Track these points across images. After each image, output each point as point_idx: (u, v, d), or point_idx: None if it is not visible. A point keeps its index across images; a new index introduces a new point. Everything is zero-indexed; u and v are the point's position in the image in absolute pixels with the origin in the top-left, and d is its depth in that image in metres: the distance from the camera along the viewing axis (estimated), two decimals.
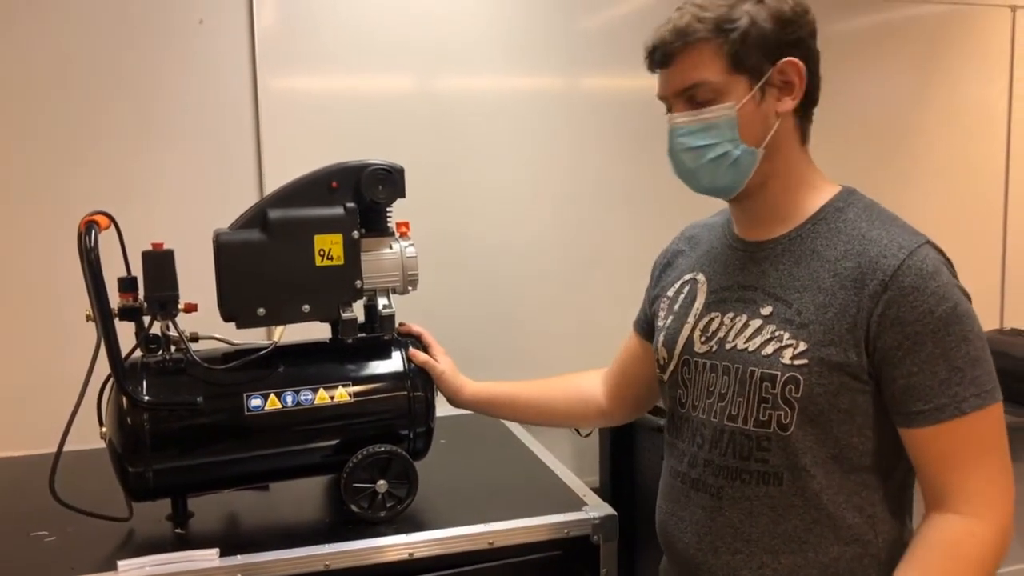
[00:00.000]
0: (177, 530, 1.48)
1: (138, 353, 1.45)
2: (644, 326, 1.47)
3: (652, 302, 1.43)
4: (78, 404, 1.35)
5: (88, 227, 1.32)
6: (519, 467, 1.85)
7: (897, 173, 2.91)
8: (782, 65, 1.14)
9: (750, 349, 1.17)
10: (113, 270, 1.39)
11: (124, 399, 1.38)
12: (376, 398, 1.52)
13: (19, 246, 2.13)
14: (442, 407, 1.59)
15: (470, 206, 2.47)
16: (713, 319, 1.24)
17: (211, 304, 1.46)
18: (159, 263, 1.42)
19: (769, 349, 1.15)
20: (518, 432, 2.07)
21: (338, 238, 1.49)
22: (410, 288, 1.59)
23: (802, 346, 1.12)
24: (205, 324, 1.49)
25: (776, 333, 1.15)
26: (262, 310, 1.46)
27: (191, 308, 1.45)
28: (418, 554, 1.42)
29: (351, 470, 1.47)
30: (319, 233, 1.48)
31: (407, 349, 1.57)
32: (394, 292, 1.59)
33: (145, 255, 1.42)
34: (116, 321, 1.36)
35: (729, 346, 1.20)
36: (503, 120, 2.48)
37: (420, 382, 1.55)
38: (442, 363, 1.58)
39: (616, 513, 1.53)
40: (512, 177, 2.50)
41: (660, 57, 1.17)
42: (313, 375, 1.49)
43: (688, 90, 1.16)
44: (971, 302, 1.11)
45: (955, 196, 2.99)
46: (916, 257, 1.08)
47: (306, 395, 1.47)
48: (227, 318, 1.47)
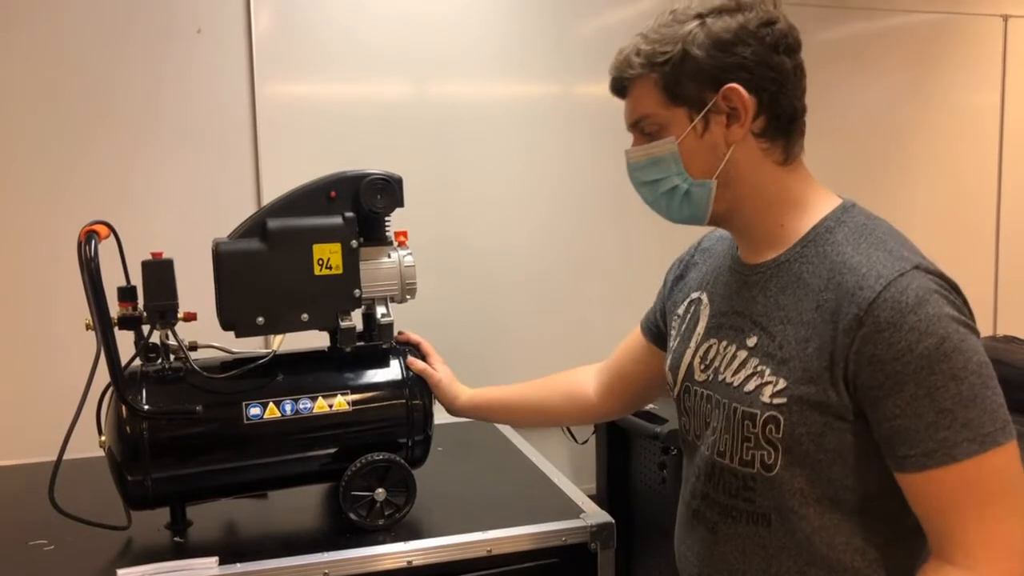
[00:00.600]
0: (176, 538, 1.49)
1: (137, 362, 1.45)
2: (651, 328, 1.43)
3: (663, 309, 1.39)
4: (78, 413, 1.35)
5: (88, 237, 1.32)
6: (517, 475, 1.85)
7: (890, 180, 2.92)
8: (725, 92, 1.06)
9: (735, 384, 1.11)
10: (113, 279, 1.40)
11: (123, 408, 1.38)
12: (374, 406, 1.53)
13: (19, 255, 2.13)
14: (440, 415, 1.60)
15: (465, 212, 2.48)
16: (711, 346, 1.18)
17: (210, 313, 1.47)
18: (158, 272, 1.42)
19: (751, 385, 1.08)
20: (515, 440, 2.07)
21: (337, 247, 1.50)
22: (408, 297, 1.60)
23: (781, 383, 1.04)
24: (204, 333, 1.50)
25: (758, 368, 1.08)
26: (261, 319, 1.47)
27: (190, 317, 1.46)
28: (416, 562, 1.43)
29: (349, 478, 1.47)
30: (318, 242, 1.49)
31: (405, 357, 1.58)
32: (392, 301, 1.59)
33: (145, 264, 1.42)
34: (116, 330, 1.37)
35: (720, 378, 1.14)
36: (498, 127, 2.49)
37: (418, 390, 1.55)
38: (440, 371, 1.59)
39: (613, 520, 1.54)
40: (507, 184, 2.51)
41: (614, 89, 1.16)
42: (312, 384, 1.50)
43: (638, 123, 1.14)
44: (977, 334, 0.99)
45: (948, 203, 3.01)
46: (895, 288, 0.97)
47: (305, 404, 1.48)
48: (226, 327, 1.47)
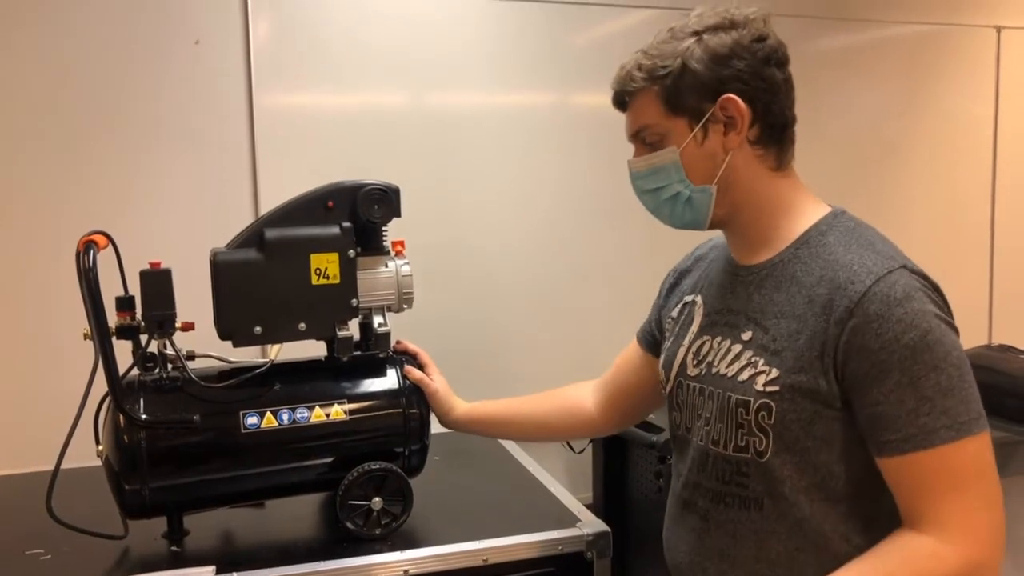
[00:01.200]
0: (173, 548, 1.49)
1: (135, 371, 1.46)
2: (647, 337, 1.47)
3: (659, 318, 1.44)
4: (75, 422, 1.35)
5: (87, 247, 1.33)
6: (513, 484, 1.86)
7: (884, 190, 2.94)
8: (722, 102, 1.14)
9: (729, 375, 1.18)
10: (111, 289, 1.40)
11: (121, 417, 1.39)
12: (371, 416, 1.53)
13: (18, 264, 2.13)
14: (437, 425, 1.60)
15: (464, 221, 2.48)
16: (705, 343, 1.25)
17: (208, 322, 1.47)
18: (157, 282, 1.43)
19: (745, 375, 1.15)
20: (512, 449, 2.08)
21: (334, 257, 1.50)
22: (405, 306, 1.61)
23: (774, 373, 1.11)
24: (202, 342, 1.50)
25: (752, 359, 1.15)
26: (258, 328, 1.47)
27: (188, 327, 1.46)
28: (413, 571, 1.43)
29: (346, 487, 1.48)
30: (315, 252, 1.49)
31: (402, 367, 1.58)
32: (389, 310, 1.60)
33: (143, 274, 1.43)
34: (114, 340, 1.38)
35: (714, 371, 1.21)
36: (496, 136, 2.50)
37: (415, 400, 1.56)
38: (436, 382, 1.59)
39: (609, 529, 1.55)
40: (505, 192, 2.52)
41: (617, 102, 1.24)
42: (309, 393, 1.51)
43: (639, 133, 1.21)
44: (955, 331, 1.07)
45: (943, 212, 3.02)
46: (884, 283, 1.05)
47: (302, 413, 1.48)
48: (224, 336, 1.48)
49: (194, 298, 1.49)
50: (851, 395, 1.07)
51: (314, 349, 1.59)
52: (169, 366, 1.47)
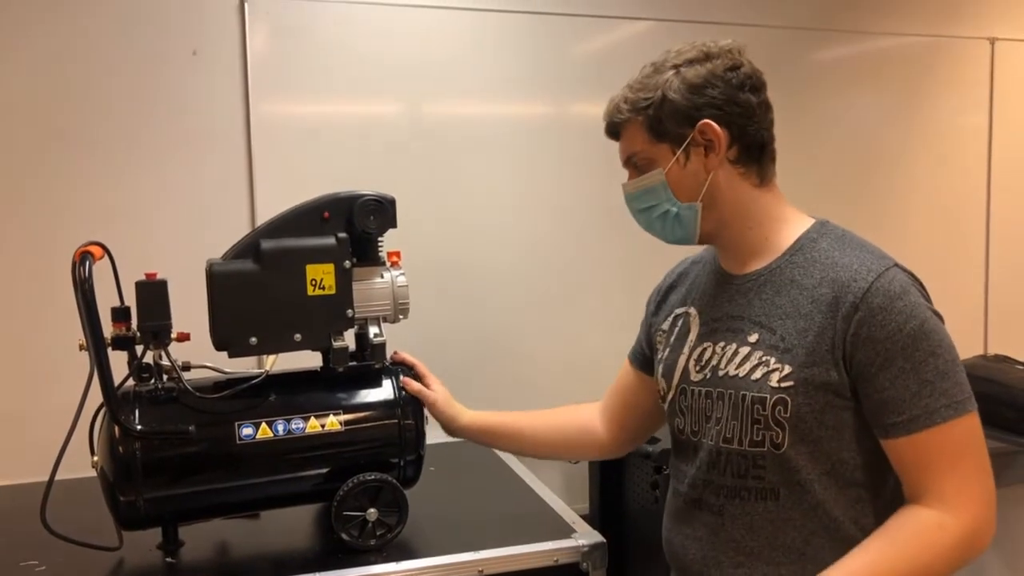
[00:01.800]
0: (168, 559, 1.48)
1: (131, 382, 1.46)
2: (639, 357, 1.51)
3: (648, 335, 1.47)
4: (70, 433, 1.35)
5: (82, 258, 1.33)
6: (509, 495, 1.86)
7: (880, 201, 2.94)
8: (700, 127, 1.23)
9: (740, 375, 1.24)
10: (107, 300, 1.40)
11: (116, 428, 1.39)
12: (367, 426, 1.53)
13: (13, 274, 2.13)
14: (432, 435, 1.60)
15: (460, 232, 2.49)
16: (706, 349, 1.30)
17: (204, 333, 1.47)
18: (152, 293, 1.43)
19: (758, 374, 1.22)
20: (508, 459, 2.08)
21: (330, 268, 1.51)
22: (401, 317, 1.61)
23: (787, 369, 1.19)
24: (197, 353, 1.50)
25: (763, 359, 1.22)
26: (254, 339, 1.48)
27: (184, 337, 1.46)
28: None
29: (341, 498, 1.48)
30: (311, 263, 1.50)
31: (398, 377, 1.58)
32: (385, 321, 1.60)
33: (139, 285, 1.43)
34: (109, 350, 1.37)
35: (722, 373, 1.26)
36: (493, 146, 2.51)
37: (411, 410, 1.56)
38: (436, 392, 1.59)
39: (605, 540, 1.54)
40: (501, 203, 2.52)
41: (609, 133, 1.34)
42: (304, 404, 1.50)
43: (631, 159, 1.32)
44: (943, 321, 1.18)
45: (937, 223, 3.03)
46: (884, 279, 1.16)
47: (297, 424, 1.48)
48: (219, 347, 1.48)
49: (190, 309, 1.49)
50: (859, 383, 1.16)
51: (310, 360, 1.59)
52: (165, 377, 1.47)
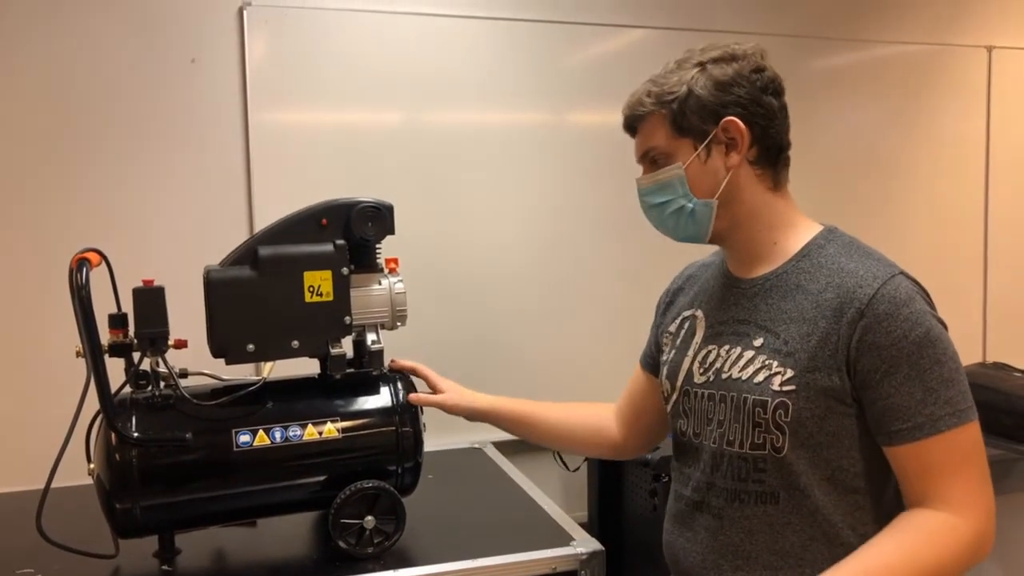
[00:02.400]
0: (164, 567, 1.48)
1: (127, 389, 1.45)
2: (649, 361, 1.51)
3: (657, 338, 1.48)
4: (67, 440, 1.35)
5: (80, 264, 1.33)
6: (507, 502, 1.85)
7: (878, 209, 2.95)
8: (724, 124, 1.24)
9: (743, 378, 1.24)
10: (104, 306, 1.40)
11: (113, 435, 1.38)
12: (364, 434, 1.53)
13: (9, 281, 2.13)
14: (430, 442, 1.60)
15: (459, 239, 2.49)
16: (711, 351, 1.31)
17: (201, 340, 1.47)
18: (149, 300, 1.43)
19: (760, 377, 1.22)
20: (505, 467, 2.07)
21: (328, 274, 1.50)
22: (399, 323, 1.61)
23: (789, 373, 1.19)
24: (195, 360, 1.50)
25: (766, 362, 1.22)
26: (251, 346, 1.47)
27: (181, 344, 1.46)
28: None
29: (339, 506, 1.47)
30: (309, 270, 1.49)
31: (396, 384, 1.58)
32: (383, 328, 1.60)
33: (136, 292, 1.43)
34: (106, 357, 1.37)
35: (725, 376, 1.27)
36: (490, 154, 2.51)
37: (408, 417, 1.55)
38: (446, 392, 1.59)
39: (604, 548, 1.54)
40: (500, 210, 2.52)
41: (627, 126, 1.33)
42: (302, 411, 1.50)
43: (647, 154, 1.30)
44: (946, 329, 1.18)
45: (936, 231, 3.03)
46: (890, 286, 1.16)
47: (295, 431, 1.48)
48: (217, 354, 1.48)
49: (187, 316, 1.49)
50: (862, 390, 1.16)
51: (307, 367, 1.59)
52: (162, 384, 1.46)
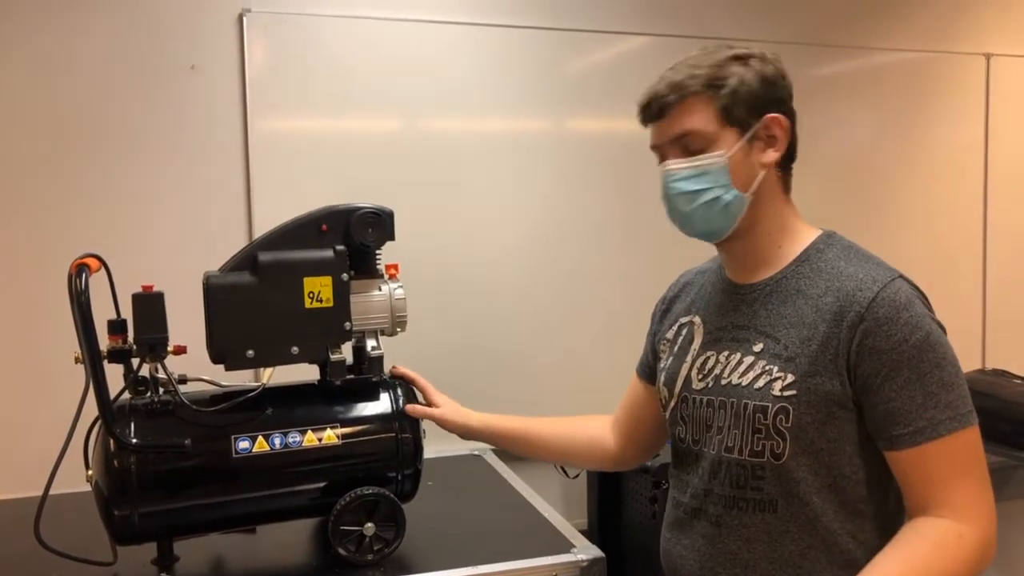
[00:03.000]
0: (163, 574, 1.47)
1: (126, 395, 1.45)
2: (646, 370, 1.50)
3: (654, 346, 1.47)
4: (65, 447, 1.34)
5: (79, 270, 1.33)
6: (507, 509, 1.85)
7: (877, 215, 2.95)
8: (767, 120, 1.22)
9: (743, 384, 1.23)
10: (103, 312, 1.40)
11: (112, 441, 1.38)
12: (364, 440, 1.52)
13: (8, 286, 2.13)
14: (430, 449, 1.59)
15: (458, 246, 2.49)
16: (709, 357, 1.30)
17: (200, 346, 1.47)
18: (149, 305, 1.42)
19: (760, 383, 1.21)
20: (505, 474, 2.07)
21: (327, 280, 1.50)
22: (399, 330, 1.61)
23: (790, 378, 1.18)
24: (194, 366, 1.49)
25: (766, 368, 1.21)
26: (251, 352, 1.47)
27: (180, 350, 1.45)
28: None
29: (338, 513, 1.47)
30: (309, 275, 1.49)
31: (396, 391, 1.57)
32: (383, 334, 1.60)
33: (135, 297, 1.43)
34: (105, 363, 1.37)
35: (724, 382, 1.26)
36: (490, 161, 2.51)
37: (408, 424, 1.55)
38: (442, 406, 1.59)
39: (604, 555, 1.54)
40: (500, 217, 2.52)
41: (656, 108, 1.25)
42: (301, 417, 1.50)
43: (681, 138, 1.23)
44: (945, 333, 1.17)
45: (934, 238, 3.03)
46: (889, 290, 1.15)
47: (294, 437, 1.47)
48: (216, 360, 1.47)
49: (187, 321, 1.49)
50: (863, 395, 1.15)
51: (307, 373, 1.58)
52: (161, 390, 1.46)
